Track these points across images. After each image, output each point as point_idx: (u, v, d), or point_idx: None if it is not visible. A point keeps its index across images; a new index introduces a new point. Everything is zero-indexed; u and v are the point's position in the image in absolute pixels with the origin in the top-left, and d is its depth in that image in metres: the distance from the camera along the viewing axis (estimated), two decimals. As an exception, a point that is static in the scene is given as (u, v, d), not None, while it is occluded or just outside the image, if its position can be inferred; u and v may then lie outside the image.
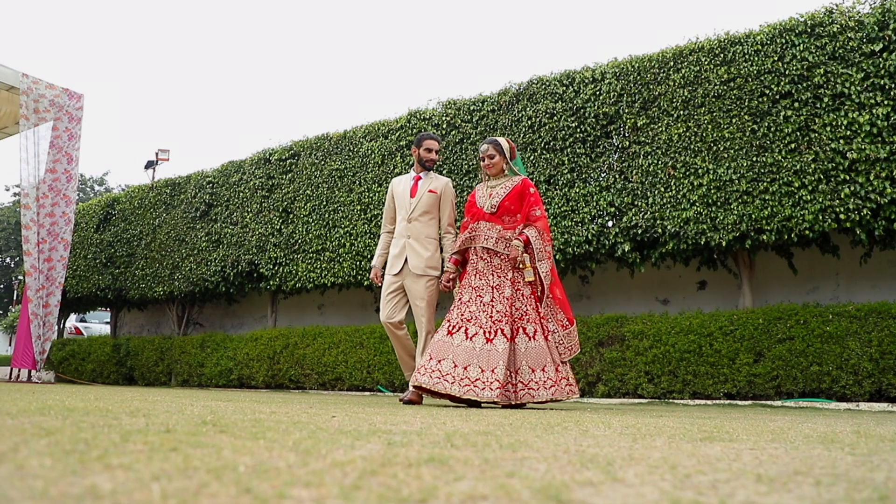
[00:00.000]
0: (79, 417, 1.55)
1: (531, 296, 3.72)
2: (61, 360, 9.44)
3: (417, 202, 4.19)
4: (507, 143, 3.97)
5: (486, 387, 3.40)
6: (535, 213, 3.82)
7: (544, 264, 3.74)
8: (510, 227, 3.82)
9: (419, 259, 4.10)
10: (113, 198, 9.93)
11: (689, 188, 5.10)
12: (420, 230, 4.18)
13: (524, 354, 3.59)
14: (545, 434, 1.54)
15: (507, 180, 3.92)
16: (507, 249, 3.76)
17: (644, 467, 0.95)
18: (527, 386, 3.53)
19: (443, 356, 3.59)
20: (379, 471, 0.83)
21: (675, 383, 4.86)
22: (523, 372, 3.56)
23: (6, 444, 0.98)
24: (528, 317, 3.67)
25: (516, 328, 3.65)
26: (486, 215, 3.87)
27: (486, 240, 3.83)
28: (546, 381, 3.52)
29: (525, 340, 3.62)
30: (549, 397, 3.49)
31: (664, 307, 6.13)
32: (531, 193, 3.86)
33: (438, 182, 4.28)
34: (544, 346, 3.58)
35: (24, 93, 7.02)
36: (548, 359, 3.56)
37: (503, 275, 3.74)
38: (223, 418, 1.70)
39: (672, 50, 5.45)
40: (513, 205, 3.84)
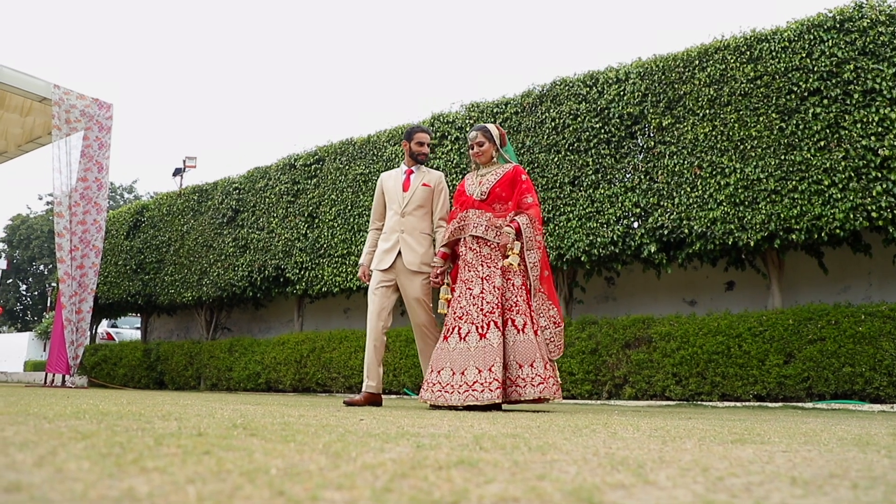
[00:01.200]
0: (113, 421, 1.58)
1: (522, 286, 3.52)
2: (94, 365, 9.62)
3: (411, 196, 4.04)
4: (497, 130, 3.80)
5: (486, 388, 3.25)
6: (527, 200, 3.62)
7: (533, 254, 3.54)
8: (501, 214, 3.64)
9: (413, 255, 3.94)
10: (142, 205, 10.11)
11: (715, 188, 5.04)
12: (414, 225, 4.01)
13: (512, 348, 3.39)
14: (573, 436, 1.53)
15: (498, 167, 3.76)
16: (498, 237, 3.56)
17: (675, 470, 0.94)
18: (514, 382, 3.33)
19: (442, 365, 3.46)
20: (409, 473, 0.83)
21: (704, 385, 4.80)
22: (511, 367, 3.36)
23: (45, 448, 1.00)
24: (517, 308, 3.46)
25: (506, 319, 3.45)
26: (475, 203, 3.70)
27: (476, 228, 3.63)
28: (534, 378, 3.31)
29: (514, 333, 3.42)
30: (537, 395, 3.27)
31: (691, 308, 6.06)
32: (523, 180, 3.67)
33: (431, 176, 4.13)
34: (533, 340, 3.37)
35: (56, 103, 7.18)
36: (536, 354, 3.34)
37: (493, 265, 3.54)
38: (253, 422, 1.72)
39: (697, 49, 5.40)
40: (504, 191, 3.66)
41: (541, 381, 3.29)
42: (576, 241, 5.60)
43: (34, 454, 0.92)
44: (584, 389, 5.28)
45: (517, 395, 3.30)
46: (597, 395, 5.28)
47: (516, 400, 3.32)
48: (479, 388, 3.25)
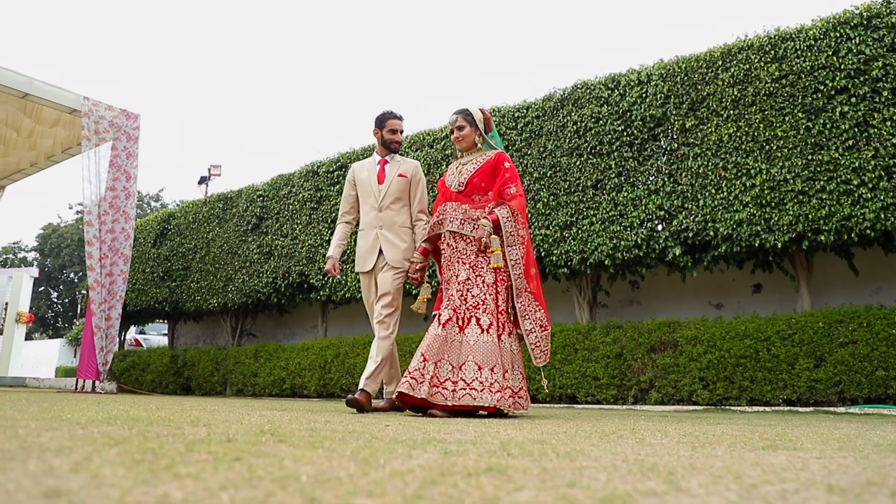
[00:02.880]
0: (144, 427, 1.61)
1: (494, 284, 3.19)
2: (122, 371, 9.78)
3: (387, 188, 3.79)
4: (481, 113, 3.51)
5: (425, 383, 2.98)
6: (510, 190, 3.31)
7: (515, 250, 3.22)
8: (480, 206, 3.34)
9: (395, 251, 3.72)
10: (168, 213, 10.26)
11: (741, 189, 4.97)
12: (393, 219, 3.78)
13: (472, 348, 3.05)
14: (601, 443, 1.52)
15: (480, 155, 3.46)
16: (475, 231, 3.26)
17: (707, 477, 0.93)
18: (469, 385, 2.99)
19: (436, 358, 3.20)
20: (439, 480, 0.83)
21: (732, 389, 4.73)
22: (468, 368, 3.02)
23: (80, 454, 1.02)
24: (485, 307, 3.14)
25: (468, 317, 3.14)
26: (453, 194, 3.40)
27: (451, 222, 3.34)
28: (493, 384, 2.97)
29: (476, 333, 3.09)
30: (493, 403, 2.93)
31: (718, 311, 5.98)
32: (506, 168, 3.35)
33: (407, 165, 3.88)
34: (496, 344, 3.07)
35: (86, 115, 7.33)
36: (498, 360, 3.04)
37: (467, 260, 3.26)
38: (280, 428, 1.74)
39: (720, 49, 5.34)
40: (483, 181, 3.35)
41: (499, 390, 2.97)
42: (599, 245, 5.57)
43: (70, 460, 0.94)
44: (610, 394, 5.23)
45: (471, 400, 2.96)
46: (622, 399, 5.23)
47: (468, 405, 2.97)
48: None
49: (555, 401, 5.57)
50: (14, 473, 0.80)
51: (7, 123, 7.77)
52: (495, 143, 3.56)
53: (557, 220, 5.85)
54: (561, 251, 5.78)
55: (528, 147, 6.25)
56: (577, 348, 5.47)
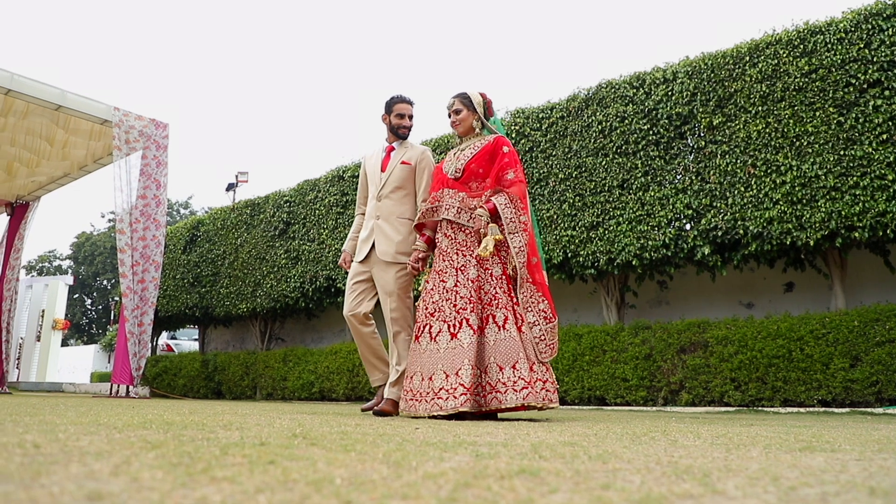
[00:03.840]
0: (178, 431, 1.63)
1: (503, 276, 3.05)
2: (155, 376, 9.94)
3: (388, 176, 3.58)
4: (481, 97, 3.35)
5: (450, 395, 2.81)
6: (508, 176, 3.14)
7: (517, 237, 3.04)
8: (477, 194, 3.18)
9: (388, 244, 3.48)
10: (198, 220, 10.42)
11: (770, 186, 4.89)
12: (391, 209, 3.54)
13: (493, 348, 2.92)
14: (633, 445, 1.50)
15: (479, 140, 3.29)
16: (472, 221, 3.11)
17: (743, 479, 0.91)
18: (494, 388, 2.85)
19: (413, 370, 3.06)
20: (472, 483, 0.83)
21: (764, 390, 4.65)
22: (491, 370, 2.89)
23: (119, 457, 1.04)
24: (497, 301, 2.99)
25: (485, 316, 2.98)
26: (449, 181, 3.24)
27: (448, 210, 3.17)
28: (516, 382, 2.82)
29: (494, 331, 2.94)
30: (519, 402, 2.79)
31: (749, 311, 5.89)
32: (505, 153, 3.17)
33: (413, 152, 3.63)
34: (516, 337, 2.91)
35: (117, 125, 7.48)
36: (520, 354, 2.87)
37: (469, 253, 3.09)
38: (312, 431, 1.75)
39: (747, 44, 5.26)
40: (481, 167, 3.19)
41: (525, 386, 2.80)
42: (626, 245, 5.52)
43: (109, 463, 0.96)
44: (639, 396, 5.18)
45: (497, 403, 2.83)
46: (652, 401, 5.18)
47: (496, 409, 2.85)
48: (445, 394, 2.84)
49: (583, 402, 5.53)
50: (57, 476, 0.82)
51: (41, 135, 7.96)
52: (496, 129, 3.38)
53: (584, 221, 5.82)
54: (587, 252, 5.74)
55: (552, 148, 6.23)
56: (606, 349, 5.43)
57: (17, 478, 0.80)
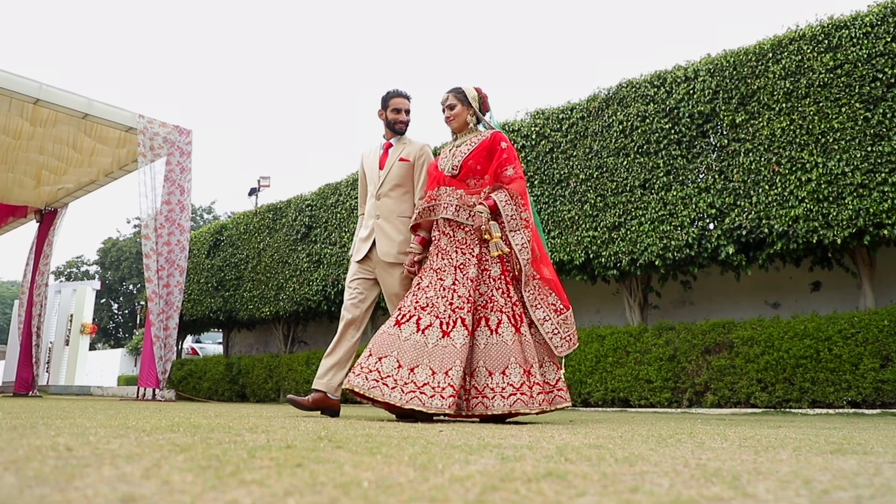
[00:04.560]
0: (206, 434, 1.65)
1: (501, 276, 2.96)
2: (180, 379, 10.06)
3: (386, 174, 3.49)
4: (476, 92, 3.28)
5: (437, 394, 2.69)
6: (508, 172, 3.07)
7: (519, 235, 2.97)
8: (476, 191, 3.10)
9: (390, 244, 3.40)
10: (221, 225, 10.54)
11: (796, 184, 4.82)
12: (391, 208, 3.45)
13: (482, 352, 2.83)
14: (659, 447, 1.49)
15: (475, 136, 3.22)
16: (471, 219, 3.03)
17: (774, 482, 0.90)
18: (481, 392, 2.76)
19: (385, 352, 2.90)
20: (499, 486, 0.83)
21: (792, 391, 4.58)
22: (479, 374, 2.80)
23: (149, 460, 1.05)
24: (493, 304, 2.90)
25: (477, 318, 2.90)
26: (446, 179, 3.16)
27: (446, 208, 3.09)
28: (504, 389, 2.73)
29: (486, 334, 2.86)
30: (506, 409, 2.70)
31: (775, 311, 5.80)
32: (503, 149, 3.11)
33: (412, 148, 3.55)
34: (510, 342, 2.81)
35: (141, 132, 7.60)
36: (511, 359, 2.78)
37: (469, 251, 3.01)
38: (337, 434, 1.76)
39: (770, 41, 5.19)
40: (479, 163, 3.12)
41: (513, 392, 2.71)
42: (649, 246, 5.47)
43: (140, 466, 0.97)
44: (664, 397, 5.13)
45: (482, 409, 2.75)
46: (676, 403, 5.12)
47: (481, 414, 2.76)
48: (430, 391, 2.72)
49: (607, 404, 5.49)
50: (91, 479, 0.83)
51: (68, 143, 8.11)
52: (493, 124, 3.31)
53: (605, 222, 5.78)
54: (609, 253, 5.70)
55: (573, 148, 6.20)
56: (629, 351, 5.39)
57: (53, 480, 0.82)
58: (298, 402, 3.38)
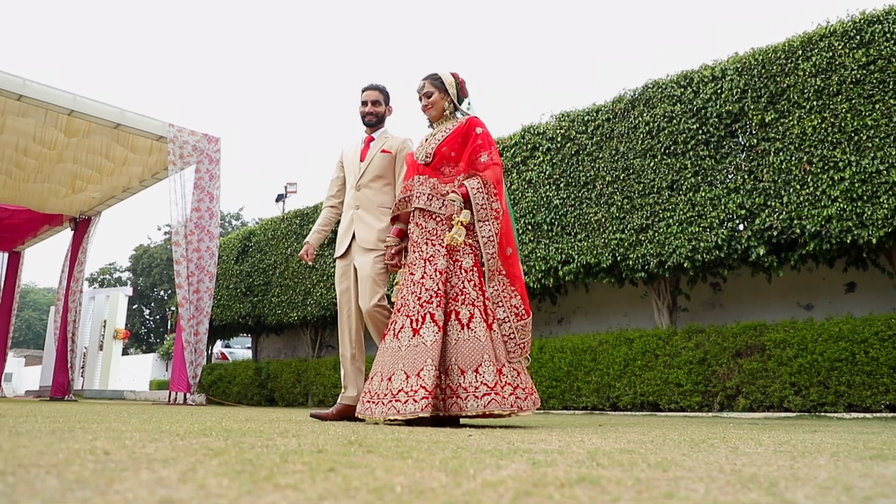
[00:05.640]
0: (238, 438, 1.67)
1: (474, 268, 2.79)
2: (210, 384, 10.20)
3: (367, 166, 3.49)
4: (453, 78, 3.13)
5: (410, 398, 2.55)
6: (482, 158, 2.92)
7: (487, 226, 2.82)
8: (450, 179, 2.96)
9: (369, 231, 3.38)
10: (249, 231, 10.67)
11: (828, 183, 4.73)
12: (371, 199, 3.44)
13: (454, 349, 2.66)
14: (692, 452, 1.47)
15: (450, 122, 3.09)
16: (444, 208, 2.89)
17: (813, 488, 0.88)
18: (455, 392, 2.60)
19: (375, 371, 2.84)
20: (533, 491, 0.83)
21: (827, 395, 4.48)
22: (452, 372, 2.63)
23: (184, 464, 1.07)
24: (464, 297, 2.73)
25: (449, 312, 2.72)
26: (420, 168, 3.03)
27: (419, 198, 2.95)
28: (478, 388, 2.57)
29: (457, 329, 2.68)
30: (480, 410, 2.54)
31: (808, 313, 5.69)
32: (478, 134, 2.97)
33: (393, 141, 3.55)
34: (482, 337, 2.65)
35: (171, 141, 7.74)
36: (485, 356, 2.61)
37: (438, 242, 2.85)
38: (367, 438, 1.77)
39: (799, 38, 5.11)
40: (453, 150, 2.97)
41: (487, 392, 2.55)
42: (677, 248, 5.41)
43: (176, 470, 0.99)
44: (694, 401, 5.06)
45: (457, 409, 2.59)
46: (707, 406, 5.05)
47: (457, 415, 2.62)
48: (404, 396, 2.59)
49: (636, 408, 5.43)
50: (129, 483, 0.85)
51: (101, 152, 8.29)
52: (470, 111, 3.17)
53: (632, 224, 5.73)
54: (637, 255, 5.65)
55: (599, 150, 6.16)
56: (658, 354, 5.32)
57: (93, 484, 0.83)
58: (322, 416, 3.41)
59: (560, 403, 5.91)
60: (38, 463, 1.02)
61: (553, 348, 6.03)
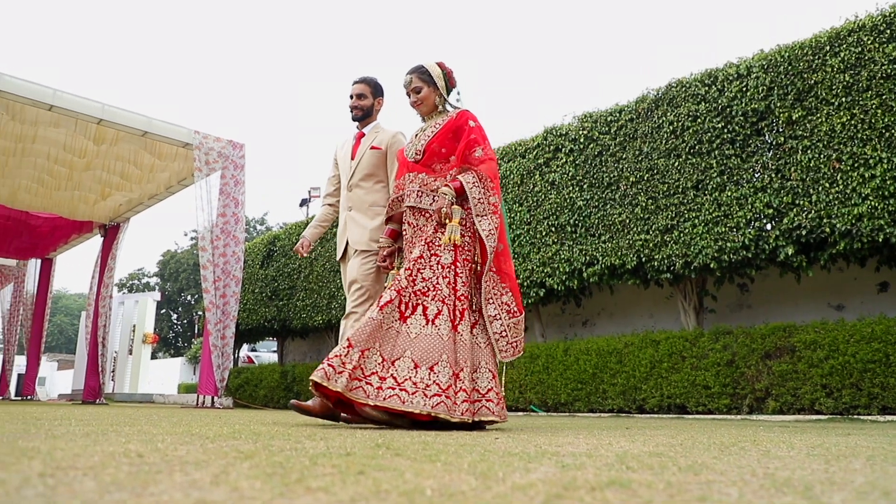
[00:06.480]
0: (267, 441, 1.69)
1: (452, 266, 2.66)
2: (237, 387, 10.31)
3: (357, 164, 3.33)
4: (439, 69, 2.99)
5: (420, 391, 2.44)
6: (476, 153, 2.79)
7: (486, 220, 2.71)
8: (442, 175, 2.85)
9: (360, 232, 3.23)
10: (273, 235, 10.78)
11: (858, 181, 4.64)
12: (362, 199, 3.29)
13: (412, 341, 2.52)
14: (722, 455, 1.45)
15: (441, 117, 2.96)
16: (435, 203, 2.77)
17: (850, 493, 0.87)
18: (399, 385, 2.44)
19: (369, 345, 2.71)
20: (563, 494, 0.83)
21: (860, 397, 4.39)
22: (402, 365, 2.49)
23: (216, 467, 1.08)
24: (435, 293, 2.61)
25: (415, 304, 2.60)
26: (410, 165, 2.91)
27: (409, 196, 2.84)
28: (429, 387, 2.41)
29: (420, 323, 2.56)
30: (427, 410, 2.38)
31: (839, 313, 5.58)
32: (471, 128, 2.83)
33: (384, 136, 3.36)
34: (446, 336, 2.52)
35: (197, 147, 7.85)
36: (443, 356, 2.47)
37: (424, 237, 2.75)
38: (394, 441, 1.78)
39: (826, 33, 5.02)
40: (444, 146, 2.85)
41: (438, 393, 2.40)
42: (703, 248, 5.34)
43: (209, 473, 1.00)
44: (722, 404, 4.99)
45: (398, 402, 2.42)
46: (736, 409, 4.98)
47: (393, 408, 2.43)
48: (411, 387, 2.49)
49: (662, 411, 5.38)
50: (164, 485, 0.86)
51: (129, 160, 8.44)
52: (460, 104, 3.03)
53: (657, 225, 5.67)
54: (662, 256, 5.59)
55: (622, 151, 6.11)
56: (685, 356, 5.26)
57: (129, 486, 0.85)
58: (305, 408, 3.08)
59: (585, 406, 5.87)
60: (76, 465, 1.05)
61: (578, 350, 6.00)
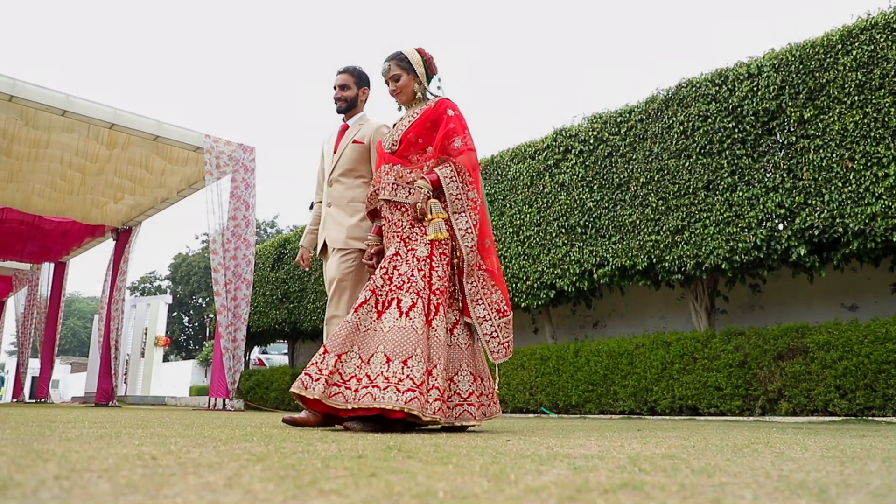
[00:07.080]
0: (279, 444, 1.69)
1: (427, 259, 2.54)
2: (249, 390, 10.35)
3: (339, 158, 3.17)
4: (419, 55, 2.86)
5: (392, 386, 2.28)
6: (455, 143, 2.66)
7: (464, 217, 2.60)
8: (418, 167, 2.71)
9: (338, 229, 3.07)
10: (284, 238, 10.82)
11: (872, 180, 4.60)
12: (342, 194, 3.12)
13: (384, 336, 2.38)
14: (735, 457, 1.44)
15: (419, 106, 2.83)
16: (411, 197, 2.64)
17: (866, 495, 0.86)
18: (372, 382, 2.30)
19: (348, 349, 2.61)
20: (577, 497, 0.82)
21: (874, 398, 4.35)
22: (375, 361, 2.35)
23: (229, 469, 1.09)
24: (410, 285, 2.48)
25: (389, 300, 2.48)
26: (387, 156, 2.77)
27: (384, 188, 2.70)
28: (402, 381, 2.26)
29: (394, 317, 2.42)
30: (400, 405, 2.21)
31: (852, 314, 5.53)
32: (450, 117, 2.69)
33: (366, 129, 3.20)
34: (419, 329, 2.39)
35: (208, 151, 7.90)
36: (418, 350, 2.33)
37: (400, 232, 2.64)
38: (405, 443, 1.78)
39: (838, 31, 4.98)
40: (420, 136, 2.71)
41: (411, 388, 2.24)
42: (714, 249, 5.31)
43: (222, 475, 1.01)
44: (734, 405, 4.96)
45: (370, 400, 2.28)
46: (748, 411, 4.94)
47: (367, 407, 2.28)
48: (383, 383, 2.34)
49: (674, 412, 5.35)
50: (178, 488, 0.87)
51: (141, 164, 8.50)
52: (441, 92, 2.89)
53: (668, 225, 5.65)
54: (673, 257, 5.57)
55: (632, 152, 6.09)
56: (697, 357, 5.24)
57: (143, 489, 0.85)
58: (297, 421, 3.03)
59: (597, 408, 5.85)
60: (90, 468, 1.05)
61: (589, 352, 5.98)
